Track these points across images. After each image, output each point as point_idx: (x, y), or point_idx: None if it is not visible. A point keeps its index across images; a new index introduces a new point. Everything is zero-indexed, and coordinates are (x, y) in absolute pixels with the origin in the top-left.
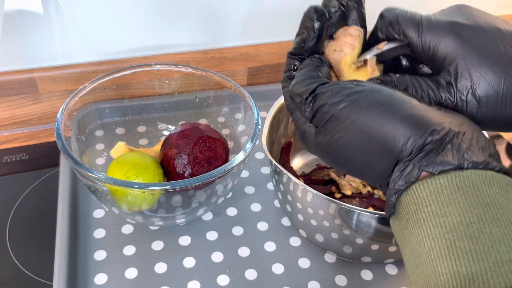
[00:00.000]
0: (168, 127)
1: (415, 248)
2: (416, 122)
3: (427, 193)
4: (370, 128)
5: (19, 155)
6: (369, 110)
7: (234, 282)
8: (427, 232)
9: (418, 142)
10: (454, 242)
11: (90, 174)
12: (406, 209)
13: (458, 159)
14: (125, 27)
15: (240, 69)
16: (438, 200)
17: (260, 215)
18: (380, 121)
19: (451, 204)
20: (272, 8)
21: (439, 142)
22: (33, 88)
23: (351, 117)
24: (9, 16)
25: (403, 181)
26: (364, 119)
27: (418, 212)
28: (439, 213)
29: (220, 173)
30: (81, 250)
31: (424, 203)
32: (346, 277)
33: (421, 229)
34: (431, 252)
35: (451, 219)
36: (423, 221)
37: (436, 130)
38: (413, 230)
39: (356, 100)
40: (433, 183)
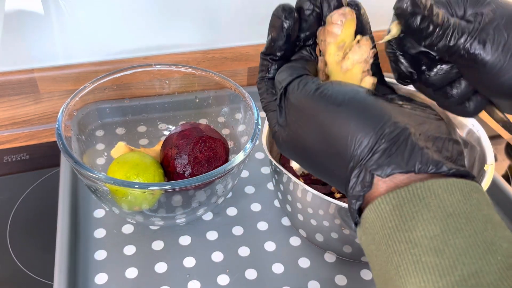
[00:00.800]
0: (168, 127)
1: (383, 265)
2: (368, 123)
3: (390, 208)
4: (326, 129)
5: (19, 155)
6: (327, 110)
7: (234, 281)
8: (393, 248)
9: (370, 144)
10: (420, 257)
11: (91, 174)
12: (372, 224)
13: (409, 162)
14: (126, 27)
15: (240, 69)
16: (401, 214)
17: (260, 215)
18: (335, 122)
19: (414, 217)
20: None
21: (392, 142)
22: (34, 88)
23: (310, 116)
24: (10, 16)
25: (360, 187)
26: (321, 119)
27: (383, 227)
28: (404, 227)
29: (220, 173)
30: (82, 249)
31: (388, 218)
32: (345, 277)
33: (387, 245)
34: (399, 269)
35: (416, 233)
36: (388, 236)
37: (388, 131)
38: (379, 246)
39: (318, 97)
40: (395, 197)
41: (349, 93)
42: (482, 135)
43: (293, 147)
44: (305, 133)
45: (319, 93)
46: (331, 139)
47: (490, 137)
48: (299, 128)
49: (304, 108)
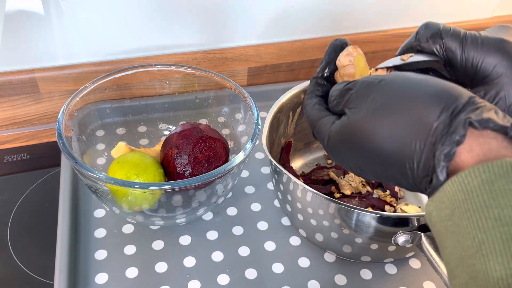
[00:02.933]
0: (168, 127)
1: (462, 241)
2: (455, 90)
3: (479, 182)
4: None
5: (20, 155)
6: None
7: (234, 281)
8: (477, 224)
9: (460, 101)
10: (510, 236)
11: (91, 174)
12: (453, 197)
13: (503, 121)
14: (126, 27)
15: (240, 69)
16: (491, 190)
17: (260, 215)
18: (416, 92)
19: (506, 195)
20: (272, 8)
21: (482, 105)
22: (34, 88)
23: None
24: (10, 16)
25: (451, 140)
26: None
27: (467, 201)
28: (493, 204)
29: (220, 173)
30: (82, 249)
31: (475, 192)
32: (345, 277)
33: (470, 220)
34: (482, 246)
35: (507, 212)
36: (473, 211)
37: (475, 97)
38: (459, 221)
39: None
40: (485, 171)
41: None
42: None
43: (352, 139)
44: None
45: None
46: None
47: None
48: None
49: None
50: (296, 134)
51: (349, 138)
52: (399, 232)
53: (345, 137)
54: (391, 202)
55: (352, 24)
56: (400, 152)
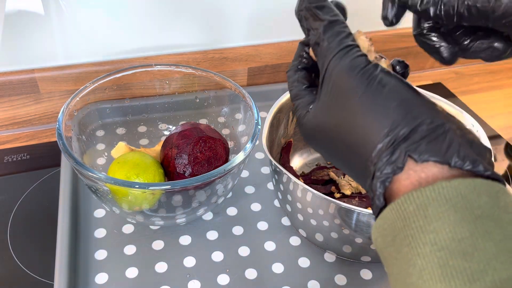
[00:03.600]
0: (168, 127)
1: (404, 268)
2: (411, 109)
3: (414, 208)
4: (363, 107)
5: (20, 155)
6: (371, 87)
7: (234, 281)
8: (416, 250)
9: (408, 128)
10: (447, 260)
11: (91, 174)
12: (392, 224)
13: (447, 152)
14: (126, 27)
15: (240, 69)
16: (426, 214)
17: (260, 215)
18: (375, 101)
19: (440, 218)
20: (272, 8)
21: (431, 131)
22: (34, 88)
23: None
24: (10, 17)
25: (390, 169)
26: (362, 94)
27: (405, 228)
28: (428, 228)
29: (220, 173)
30: (82, 249)
31: (411, 219)
32: (345, 277)
33: (409, 247)
34: (423, 272)
35: (442, 235)
36: (411, 238)
37: (430, 119)
38: (400, 247)
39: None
40: (419, 196)
41: (395, 78)
42: (482, 135)
43: (322, 129)
44: (339, 109)
45: (367, 69)
46: (367, 118)
47: (489, 137)
48: (335, 104)
49: (346, 80)
50: (296, 134)
51: (315, 130)
52: None
53: (312, 128)
54: None
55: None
56: (350, 159)
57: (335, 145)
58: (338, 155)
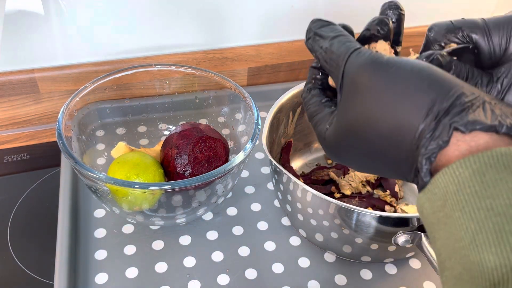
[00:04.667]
0: (168, 127)
1: (455, 232)
2: (444, 86)
3: (470, 173)
4: (395, 96)
5: (20, 155)
6: (398, 74)
7: (234, 281)
8: (470, 215)
9: (445, 104)
10: (503, 225)
11: (91, 174)
12: (444, 189)
13: (491, 120)
14: (126, 27)
15: (240, 69)
16: (482, 180)
17: (260, 215)
18: (408, 86)
19: (498, 185)
20: (272, 9)
21: (469, 104)
22: (34, 88)
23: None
24: (10, 16)
25: (435, 144)
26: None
27: (459, 192)
28: (485, 194)
29: (220, 173)
30: (82, 249)
31: (466, 184)
32: (345, 277)
33: (462, 211)
34: (476, 237)
35: (499, 201)
36: (465, 202)
37: (466, 94)
38: (452, 212)
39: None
40: (476, 162)
41: (417, 61)
42: None
43: (350, 134)
44: (367, 105)
45: (387, 60)
46: (401, 104)
47: None
48: (361, 102)
49: (368, 75)
50: (296, 134)
51: (342, 139)
52: (399, 232)
53: (338, 139)
54: (391, 202)
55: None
56: (389, 152)
57: (368, 145)
58: (373, 156)
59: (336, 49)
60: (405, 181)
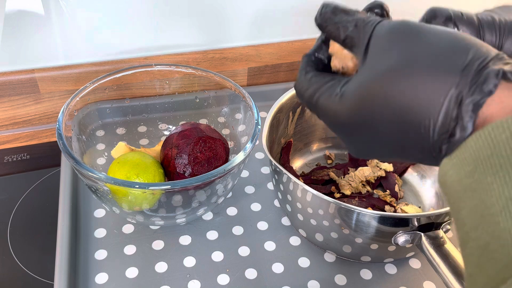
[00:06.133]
0: (168, 127)
1: (485, 199)
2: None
3: (507, 136)
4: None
5: (20, 155)
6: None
7: (234, 281)
8: (505, 179)
9: (485, 58)
10: None
11: (91, 174)
12: (476, 153)
13: None
14: (126, 27)
15: (240, 69)
16: None
17: (260, 215)
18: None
19: None
20: (272, 9)
21: (510, 61)
22: (34, 88)
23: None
24: (10, 17)
25: (479, 92)
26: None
27: (493, 156)
28: None
29: (220, 173)
30: (82, 249)
31: (502, 147)
32: (345, 277)
33: (496, 176)
34: (510, 203)
35: None
36: (499, 167)
37: (502, 54)
38: (483, 177)
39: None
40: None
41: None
42: None
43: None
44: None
45: (418, 23)
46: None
47: None
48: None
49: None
50: (296, 134)
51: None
52: (399, 232)
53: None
54: (391, 202)
55: None
56: (420, 108)
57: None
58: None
59: (365, 19)
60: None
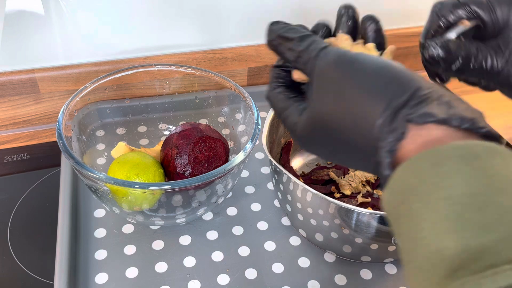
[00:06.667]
0: (168, 127)
1: (415, 223)
2: (402, 82)
3: (429, 165)
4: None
5: (20, 155)
6: (363, 68)
7: (234, 281)
8: (430, 205)
9: (402, 98)
10: (461, 213)
11: (91, 174)
12: (405, 182)
13: (444, 113)
14: (126, 27)
15: (240, 69)
16: (441, 171)
17: (260, 215)
18: (366, 83)
19: (456, 175)
20: (272, 8)
21: (425, 97)
22: (34, 88)
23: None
24: (10, 17)
25: (393, 137)
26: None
27: (419, 185)
28: (443, 185)
29: (220, 173)
30: (82, 249)
31: (426, 175)
32: (345, 277)
33: (423, 202)
34: (436, 226)
35: (457, 191)
36: (425, 194)
37: (422, 88)
38: (413, 204)
39: (354, 58)
40: (434, 155)
41: (380, 59)
42: None
43: (320, 127)
44: (335, 99)
45: (352, 56)
46: (363, 99)
47: None
48: (330, 96)
49: (335, 70)
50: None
51: (313, 131)
52: None
53: (309, 130)
54: None
55: None
56: (354, 145)
57: (335, 137)
58: (340, 148)
59: (306, 47)
60: (370, 173)
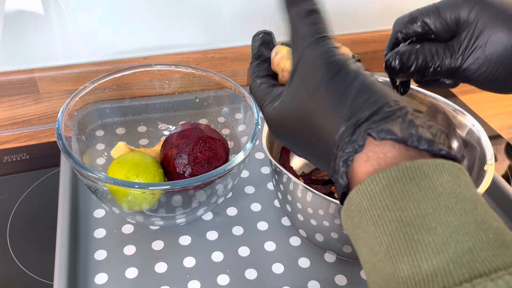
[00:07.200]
0: (168, 127)
1: (372, 246)
2: (371, 95)
3: (380, 188)
4: (329, 89)
5: (19, 155)
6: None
7: (234, 281)
8: (383, 228)
9: (367, 112)
10: (412, 235)
11: (91, 174)
12: (359, 206)
13: (404, 132)
14: (126, 27)
15: (240, 69)
16: (392, 194)
17: (260, 215)
18: (340, 85)
19: (405, 197)
20: (272, 8)
21: (390, 113)
22: (34, 88)
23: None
24: (10, 16)
25: (351, 148)
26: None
27: (371, 208)
28: (394, 207)
29: (220, 173)
30: (82, 249)
31: (377, 198)
32: (345, 277)
33: (376, 226)
34: (390, 249)
35: (407, 213)
36: (378, 217)
37: (389, 104)
38: (367, 227)
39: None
40: (385, 177)
41: (359, 70)
42: (482, 135)
43: (290, 117)
44: (308, 95)
45: (338, 59)
46: (331, 103)
47: (490, 137)
48: (305, 91)
49: (318, 68)
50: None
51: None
52: None
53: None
54: None
55: (352, 24)
56: (318, 145)
57: (301, 132)
58: (306, 145)
59: (304, 25)
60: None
